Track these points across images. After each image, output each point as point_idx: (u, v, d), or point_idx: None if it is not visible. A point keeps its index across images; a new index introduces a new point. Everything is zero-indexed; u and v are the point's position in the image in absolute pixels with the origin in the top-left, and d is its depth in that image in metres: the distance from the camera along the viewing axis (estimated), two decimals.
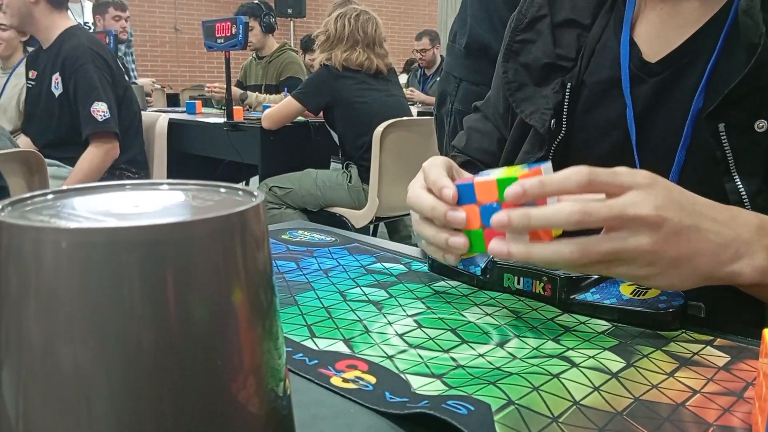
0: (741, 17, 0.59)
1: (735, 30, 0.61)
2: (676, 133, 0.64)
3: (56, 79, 2.30)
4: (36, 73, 2.41)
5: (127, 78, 2.49)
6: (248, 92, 3.70)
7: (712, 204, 0.51)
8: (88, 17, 4.64)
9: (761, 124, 0.58)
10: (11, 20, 2.33)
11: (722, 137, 0.59)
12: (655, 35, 0.68)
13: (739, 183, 0.59)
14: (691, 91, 0.64)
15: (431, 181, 0.56)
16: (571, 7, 0.74)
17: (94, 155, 2.30)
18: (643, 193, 0.47)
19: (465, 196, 0.53)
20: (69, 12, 2.42)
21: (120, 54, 4.05)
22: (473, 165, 0.87)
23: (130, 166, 2.44)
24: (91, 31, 4.39)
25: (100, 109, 2.27)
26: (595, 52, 0.73)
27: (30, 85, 2.46)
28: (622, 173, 0.48)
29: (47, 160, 2.08)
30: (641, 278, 0.49)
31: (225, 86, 2.94)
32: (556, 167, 0.72)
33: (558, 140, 0.71)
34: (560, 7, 0.75)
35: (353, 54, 2.56)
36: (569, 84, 0.72)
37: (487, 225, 0.51)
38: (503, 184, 0.50)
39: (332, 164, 2.90)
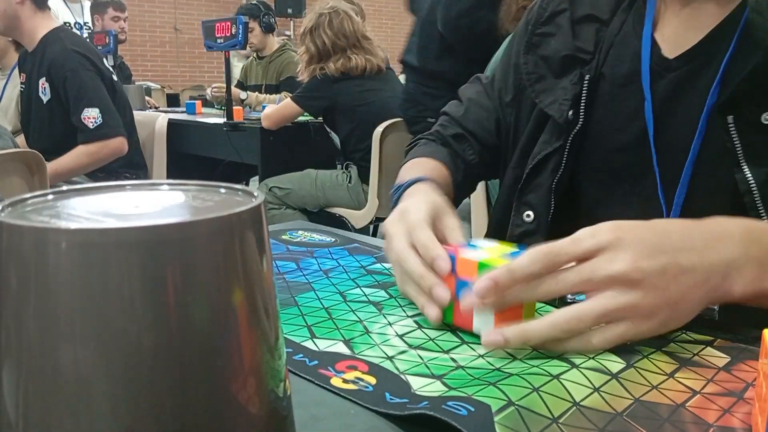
0: (751, 14, 0.61)
1: (749, 27, 0.63)
2: (692, 126, 0.66)
3: (43, 84, 2.26)
4: (25, 76, 2.38)
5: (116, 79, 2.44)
6: (248, 92, 3.70)
7: (688, 229, 0.51)
8: (88, 17, 4.64)
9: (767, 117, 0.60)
10: None
11: (731, 129, 0.61)
12: (675, 35, 0.70)
13: (748, 173, 0.60)
14: (707, 87, 0.65)
15: (421, 245, 0.57)
16: (590, 4, 0.76)
17: (82, 152, 2.24)
18: (611, 251, 0.47)
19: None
20: (51, 12, 2.37)
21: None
22: (465, 139, 0.87)
23: (127, 168, 2.41)
24: (90, 31, 4.39)
25: (91, 116, 2.21)
26: (614, 46, 0.74)
27: (22, 89, 2.43)
28: (582, 238, 0.48)
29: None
30: (649, 333, 0.48)
31: (225, 86, 2.94)
32: (574, 157, 0.75)
33: (575, 131, 0.73)
34: (580, 3, 0.77)
35: (349, 62, 2.50)
36: (587, 76, 0.73)
37: (459, 296, 0.52)
38: (484, 267, 0.51)
39: (338, 165, 2.90)
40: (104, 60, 2.38)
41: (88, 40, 3.08)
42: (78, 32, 4.67)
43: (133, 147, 2.47)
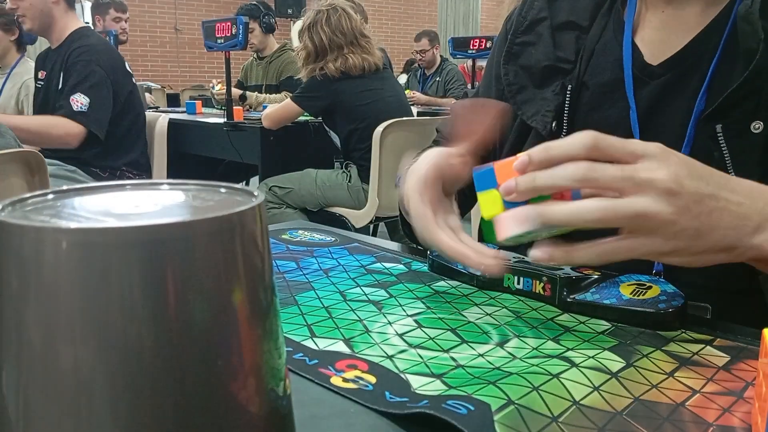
0: (740, 23, 0.60)
1: (735, 34, 0.61)
2: (679, 134, 0.65)
3: (62, 77, 2.34)
4: (45, 73, 2.44)
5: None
6: (248, 92, 3.70)
7: (729, 177, 0.50)
8: (88, 17, 4.63)
9: (757, 126, 0.59)
10: (32, 23, 2.36)
11: (720, 138, 0.60)
12: (657, 39, 0.69)
13: None
14: (693, 94, 0.64)
15: (452, 249, 0.55)
16: (569, 9, 0.75)
17: (51, 124, 2.28)
18: (656, 161, 0.46)
19: (483, 182, 0.51)
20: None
21: None
22: None
23: (131, 168, 2.46)
24: None
25: (79, 101, 2.26)
26: (594, 54, 0.73)
27: (39, 86, 2.48)
28: (633, 141, 0.47)
29: (48, 160, 2.09)
30: (666, 254, 0.47)
31: (225, 87, 2.94)
32: None
33: None
34: (559, 9, 0.75)
35: (347, 62, 2.49)
36: (570, 86, 0.72)
37: (508, 206, 0.49)
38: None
39: (335, 164, 2.91)
40: (125, 64, 2.45)
41: None
42: None
43: (140, 148, 2.53)
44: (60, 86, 2.34)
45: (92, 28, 4.53)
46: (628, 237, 0.47)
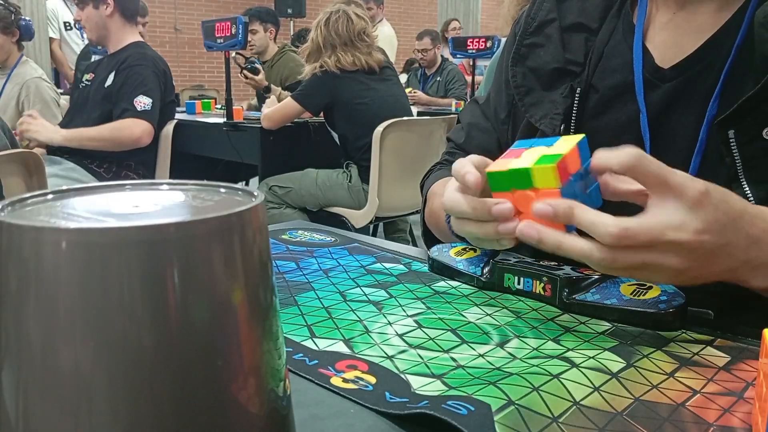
0: (757, 29, 0.59)
1: (749, 39, 0.61)
2: (691, 138, 0.64)
3: (111, 76, 2.51)
4: (93, 75, 2.62)
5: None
6: (272, 86, 3.64)
7: (755, 216, 0.51)
8: None
9: None
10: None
11: (732, 144, 0.60)
12: (669, 41, 0.68)
13: (747, 189, 0.59)
14: (705, 97, 0.64)
15: (455, 170, 0.56)
16: (579, 11, 0.74)
17: (121, 127, 2.44)
18: (688, 210, 0.48)
19: (498, 185, 0.53)
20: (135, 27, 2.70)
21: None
22: None
23: (140, 166, 2.59)
24: None
25: (143, 101, 2.45)
26: (603, 56, 0.72)
27: (84, 84, 2.65)
28: (674, 175, 0.48)
29: (51, 157, 2.17)
30: (650, 280, 0.50)
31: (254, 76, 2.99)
32: None
33: None
34: (568, 11, 0.75)
35: (340, 60, 2.56)
36: (578, 89, 0.71)
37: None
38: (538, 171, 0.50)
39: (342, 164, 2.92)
40: (172, 79, 2.68)
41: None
42: (78, 32, 4.68)
43: (153, 149, 2.66)
44: (107, 84, 2.50)
45: (69, 27, 4.73)
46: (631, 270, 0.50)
